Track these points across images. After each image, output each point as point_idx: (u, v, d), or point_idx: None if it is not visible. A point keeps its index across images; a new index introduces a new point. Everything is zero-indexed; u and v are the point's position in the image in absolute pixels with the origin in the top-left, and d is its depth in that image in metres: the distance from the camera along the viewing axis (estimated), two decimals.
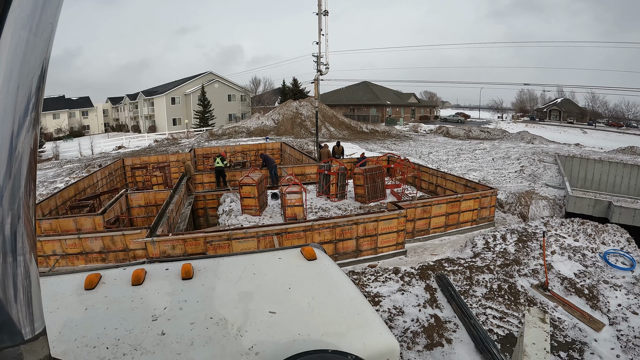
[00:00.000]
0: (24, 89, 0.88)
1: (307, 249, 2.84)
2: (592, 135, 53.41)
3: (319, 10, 20.32)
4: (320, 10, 20.34)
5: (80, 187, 16.35)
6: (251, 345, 1.82)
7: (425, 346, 6.87)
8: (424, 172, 17.90)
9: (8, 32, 0.84)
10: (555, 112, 78.78)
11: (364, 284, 8.86)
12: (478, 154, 28.89)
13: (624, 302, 8.35)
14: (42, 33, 0.91)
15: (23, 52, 0.87)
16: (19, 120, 0.88)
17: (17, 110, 0.87)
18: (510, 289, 8.60)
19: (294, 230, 10.33)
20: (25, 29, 0.87)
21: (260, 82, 77.10)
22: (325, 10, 20.41)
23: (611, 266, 9.79)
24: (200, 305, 2.15)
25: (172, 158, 23.76)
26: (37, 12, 0.89)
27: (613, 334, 7.39)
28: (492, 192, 13.78)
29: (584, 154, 26.25)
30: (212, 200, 15.59)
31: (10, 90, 0.85)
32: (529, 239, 11.01)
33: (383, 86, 73.41)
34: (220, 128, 46.37)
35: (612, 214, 13.49)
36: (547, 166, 21.94)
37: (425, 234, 12.65)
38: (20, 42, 0.86)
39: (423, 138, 43.00)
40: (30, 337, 0.97)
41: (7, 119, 0.86)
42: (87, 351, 1.78)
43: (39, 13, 0.89)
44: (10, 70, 0.85)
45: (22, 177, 0.91)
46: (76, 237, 10.00)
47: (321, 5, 20.29)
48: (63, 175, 25.46)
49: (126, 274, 2.52)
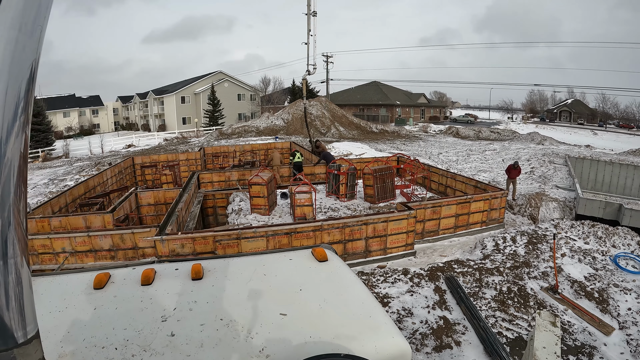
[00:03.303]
0: (12, 92, 0.86)
1: (318, 250, 2.82)
2: (603, 136, 52.94)
3: (308, 10, 20.29)
4: (309, 11, 20.31)
5: (90, 185, 16.45)
6: (262, 348, 1.80)
7: (434, 348, 6.83)
8: (434, 172, 17.81)
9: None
10: (566, 113, 78.22)
11: (373, 284, 8.83)
12: (488, 154, 28.71)
13: (634, 306, 8.26)
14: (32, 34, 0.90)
15: (12, 54, 0.85)
16: (7, 125, 0.86)
17: (5, 114, 0.85)
18: (519, 292, 8.52)
19: (303, 230, 10.31)
20: (14, 29, 0.85)
21: (270, 81, 77.32)
22: (314, 11, 20.37)
23: (621, 269, 9.68)
24: (210, 306, 2.13)
25: (181, 157, 23.84)
26: (27, 13, 0.87)
27: (623, 338, 7.31)
28: (502, 193, 13.66)
29: (595, 155, 25.96)
30: (222, 199, 15.62)
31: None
32: (539, 241, 10.92)
33: (393, 86, 73.29)
34: (229, 127, 46.47)
35: (623, 217, 13.32)
36: (557, 168, 21.75)
37: (435, 235, 12.57)
38: (9, 44, 0.84)
39: (433, 138, 42.83)
40: (23, 341, 0.96)
41: None
42: (95, 351, 1.77)
43: (28, 14, 0.88)
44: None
45: (11, 182, 0.89)
46: (85, 235, 10.05)
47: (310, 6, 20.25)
48: (73, 173, 25.66)
49: (135, 273, 2.51)
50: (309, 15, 20.43)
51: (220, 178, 18.47)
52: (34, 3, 0.89)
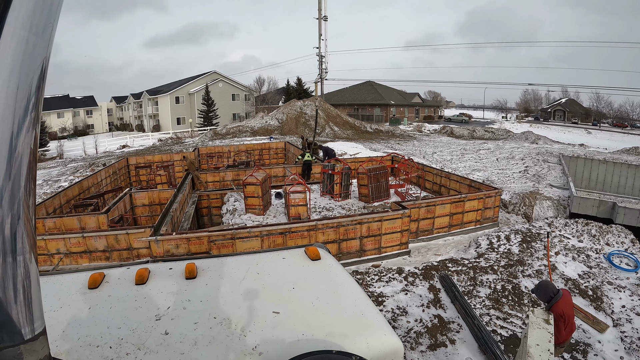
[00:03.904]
0: (24, 89, 0.88)
1: (311, 249, 2.83)
2: (597, 135, 53.18)
3: (319, 15, 20.39)
4: (320, 16, 20.39)
5: (84, 185, 16.38)
6: (255, 345, 1.82)
7: (429, 346, 6.86)
8: (428, 172, 17.87)
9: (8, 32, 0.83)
10: (560, 112, 78.52)
11: (367, 283, 8.85)
12: (482, 154, 28.79)
13: (628, 303, 8.32)
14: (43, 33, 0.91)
15: (23, 52, 0.87)
16: (18, 121, 0.88)
17: (17, 110, 0.87)
18: (514, 290, 8.58)
19: (298, 229, 10.32)
20: (25, 29, 0.86)
21: (264, 81, 76.97)
22: (324, 16, 20.46)
23: (615, 267, 9.75)
24: (204, 305, 2.15)
25: (176, 157, 23.76)
26: (38, 12, 0.89)
27: (617, 336, 7.37)
28: (496, 192, 13.73)
29: (589, 154, 26.12)
30: (216, 200, 15.60)
31: (10, 90, 0.85)
32: (533, 239, 10.98)
33: (387, 86, 73.27)
34: (224, 127, 46.35)
35: (617, 215, 13.40)
36: (551, 166, 21.85)
37: (429, 234, 12.62)
38: (20, 42, 0.86)
39: (427, 138, 42.88)
40: (30, 337, 0.97)
41: (7, 119, 0.85)
42: (90, 350, 1.78)
43: (39, 13, 0.89)
44: (11, 70, 0.85)
45: (22, 177, 0.90)
46: (80, 236, 10.02)
47: (321, 11, 20.34)
48: (67, 174, 25.52)
49: (130, 273, 2.52)
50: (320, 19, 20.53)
51: (214, 178, 18.46)
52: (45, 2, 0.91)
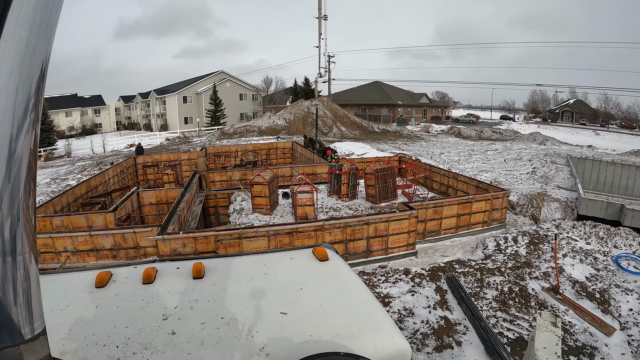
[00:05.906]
0: (23, 90, 0.87)
1: (319, 250, 2.82)
2: (605, 137, 52.74)
3: (319, 14, 20.34)
4: (320, 15, 20.35)
5: (92, 184, 16.49)
6: (262, 346, 1.81)
7: (435, 348, 6.83)
8: (436, 172, 17.82)
9: (8, 32, 0.83)
10: (568, 113, 78.02)
11: (374, 284, 8.83)
12: (490, 155, 28.68)
13: (636, 306, 8.25)
14: (43, 33, 0.90)
15: (23, 52, 0.86)
16: (18, 122, 0.87)
17: (16, 111, 0.86)
18: (521, 292, 8.52)
19: (305, 229, 10.32)
20: (25, 29, 0.86)
21: (272, 81, 77.41)
22: (324, 15, 20.41)
23: (623, 270, 9.67)
24: (211, 305, 2.14)
25: (183, 156, 23.87)
26: (38, 12, 0.88)
27: (624, 339, 7.30)
28: (503, 193, 13.65)
29: (597, 156, 25.92)
30: (223, 199, 15.64)
31: (9, 91, 0.85)
32: (541, 241, 10.91)
33: (394, 86, 73.18)
34: (231, 127, 46.51)
35: (625, 217, 13.31)
36: (559, 168, 21.72)
37: (436, 235, 12.57)
38: (20, 42, 0.85)
39: (434, 138, 42.79)
40: (30, 337, 0.97)
41: (6, 120, 0.85)
42: (97, 349, 1.78)
43: (39, 13, 0.89)
44: (10, 70, 0.85)
45: (21, 178, 0.90)
46: (87, 234, 10.08)
47: (321, 10, 20.30)
48: (75, 172, 25.72)
49: (137, 272, 2.52)
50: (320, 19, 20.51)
51: (222, 178, 18.50)
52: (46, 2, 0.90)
